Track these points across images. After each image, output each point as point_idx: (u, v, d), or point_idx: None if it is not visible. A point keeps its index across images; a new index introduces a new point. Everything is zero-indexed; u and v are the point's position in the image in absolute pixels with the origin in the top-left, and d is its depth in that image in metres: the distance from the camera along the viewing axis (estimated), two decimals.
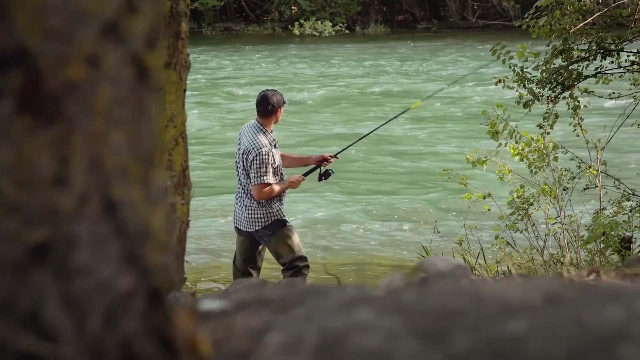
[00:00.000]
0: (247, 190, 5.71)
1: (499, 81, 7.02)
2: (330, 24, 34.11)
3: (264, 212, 5.69)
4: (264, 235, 5.75)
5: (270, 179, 5.58)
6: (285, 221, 5.79)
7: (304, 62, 25.49)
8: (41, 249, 0.61)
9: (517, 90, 6.91)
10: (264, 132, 5.65)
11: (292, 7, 36.01)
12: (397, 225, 9.04)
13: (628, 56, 6.89)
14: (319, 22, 34.12)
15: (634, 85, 7.10)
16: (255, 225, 5.70)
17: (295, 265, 5.76)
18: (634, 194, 6.76)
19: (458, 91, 19.23)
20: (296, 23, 34.71)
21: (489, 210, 6.94)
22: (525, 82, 6.83)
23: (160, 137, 2.83)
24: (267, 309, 0.90)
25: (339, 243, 8.56)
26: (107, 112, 0.64)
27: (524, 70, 6.77)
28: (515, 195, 6.82)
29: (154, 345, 0.65)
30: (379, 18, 36.49)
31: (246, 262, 5.91)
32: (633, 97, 7.06)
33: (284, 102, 5.75)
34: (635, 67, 6.90)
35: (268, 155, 5.56)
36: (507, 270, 6.66)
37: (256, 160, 5.52)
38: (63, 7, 0.61)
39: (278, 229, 5.73)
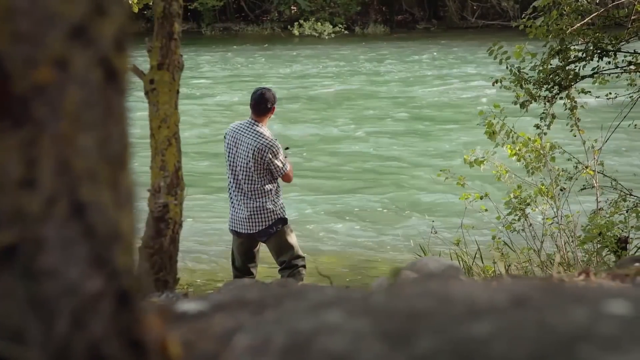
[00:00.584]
0: (252, 191, 5.66)
1: (496, 81, 7.02)
2: (330, 24, 34.13)
3: (269, 210, 5.67)
4: (265, 234, 5.73)
5: (288, 164, 5.81)
6: (286, 219, 5.79)
7: (303, 62, 25.49)
8: (9, 251, 0.61)
9: (513, 91, 6.91)
10: (264, 128, 5.68)
11: (292, 8, 36.02)
12: (395, 226, 9.04)
13: (625, 56, 6.89)
14: (319, 22, 34.15)
15: (630, 85, 7.09)
16: (259, 226, 5.68)
17: (293, 265, 5.76)
18: (630, 194, 6.76)
19: (457, 91, 19.24)
20: (295, 23, 34.74)
21: (486, 210, 6.94)
22: (523, 83, 6.83)
23: (155, 137, 2.81)
24: (244, 311, 0.90)
25: (337, 243, 8.56)
26: (75, 114, 0.64)
27: (521, 70, 6.77)
28: (512, 196, 6.82)
29: (122, 347, 0.65)
30: (379, 18, 36.51)
31: (246, 262, 5.90)
32: (630, 97, 7.06)
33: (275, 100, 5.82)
34: (632, 67, 6.90)
35: (279, 145, 5.72)
36: (505, 270, 6.67)
37: (277, 153, 5.65)
38: (31, 10, 0.61)
39: (279, 227, 5.73)
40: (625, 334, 0.58)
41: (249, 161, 5.60)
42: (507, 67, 6.81)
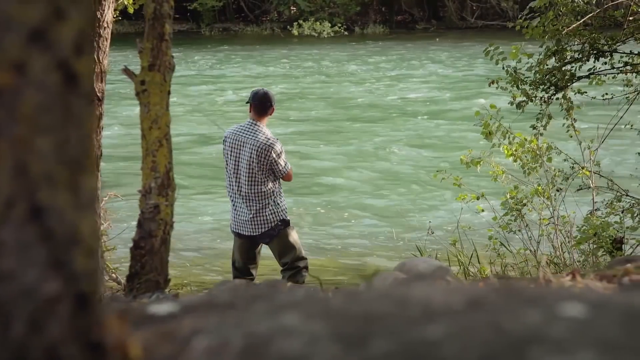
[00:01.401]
0: (256, 193, 5.65)
1: (492, 82, 7.02)
2: (329, 24, 34.14)
3: (271, 212, 5.66)
4: (268, 236, 5.72)
5: (289, 164, 5.85)
6: (288, 220, 5.79)
7: (302, 62, 25.49)
8: None
9: (510, 91, 6.91)
10: (265, 128, 5.70)
11: (291, 8, 36.03)
12: (391, 226, 9.04)
13: (621, 57, 6.89)
14: (318, 22, 34.16)
15: (626, 86, 7.09)
16: (261, 228, 5.67)
17: (296, 266, 5.76)
18: (627, 195, 6.76)
19: (454, 91, 19.24)
20: (295, 24, 34.74)
21: (483, 211, 6.94)
22: (519, 83, 6.83)
23: (146, 138, 2.80)
24: (213, 313, 0.91)
25: (333, 244, 8.56)
26: (33, 118, 0.64)
27: (517, 71, 6.77)
28: (508, 196, 6.82)
29: (80, 349, 0.65)
30: (378, 18, 36.53)
31: (247, 263, 5.88)
32: (626, 98, 7.06)
33: None
34: (628, 68, 6.90)
35: (281, 145, 5.76)
36: (501, 269, 6.67)
37: (280, 152, 5.66)
38: None
39: (281, 229, 5.73)
40: (575, 336, 0.59)
41: (253, 161, 5.58)
42: (503, 68, 6.81)
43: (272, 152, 5.58)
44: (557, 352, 0.56)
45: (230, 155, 5.71)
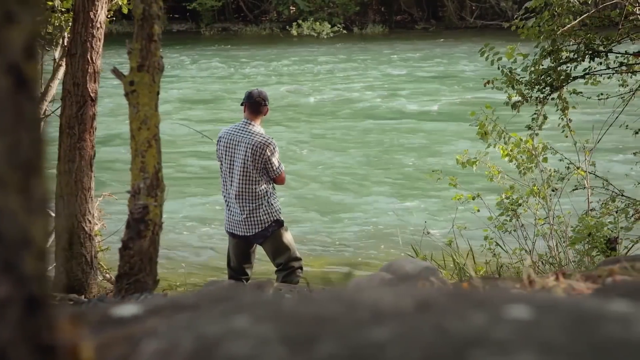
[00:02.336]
0: (250, 192, 5.64)
1: (488, 82, 7.02)
2: (329, 24, 34.13)
3: (265, 213, 5.66)
4: (262, 236, 5.72)
5: (282, 166, 5.85)
6: (282, 221, 5.79)
7: (301, 63, 25.49)
8: None
9: (505, 92, 6.92)
10: (259, 127, 5.70)
11: (291, 8, 36.03)
12: (387, 226, 9.04)
13: (616, 57, 6.89)
14: (317, 22, 34.16)
15: (622, 86, 7.10)
16: (256, 228, 5.67)
17: (290, 267, 5.76)
18: (622, 195, 6.76)
19: (451, 91, 19.25)
20: (294, 24, 34.75)
21: (478, 211, 6.94)
22: (514, 84, 6.83)
23: (136, 138, 2.81)
24: (178, 315, 0.91)
25: (328, 244, 8.56)
26: None
27: (512, 71, 6.77)
28: (504, 196, 6.82)
29: (30, 352, 0.65)
30: (377, 18, 36.52)
31: (241, 262, 5.89)
32: (621, 98, 7.06)
33: None
34: (624, 68, 6.90)
35: (276, 144, 5.76)
36: (497, 269, 6.68)
37: (275, 151, 5.66)
38: None
39: (276, 229, 5.73)
40: (517, 339, 0.59)
41: (247, 160, 5.58)
42: (498, 68, 6.82)
43: (267, 151, 5.58)
44: (498, 353, 0.57)
45: (225, 155, 5.71)
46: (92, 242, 5.17)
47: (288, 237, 5.82)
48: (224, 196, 5.81)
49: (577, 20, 6.52)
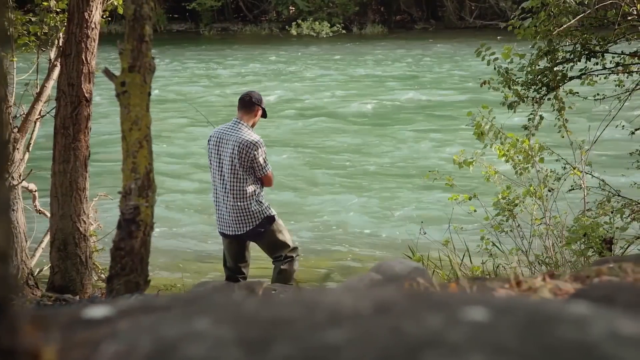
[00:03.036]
0: (238, 191, 5.64)
1: (484, 82, 7.02)
2: (328, 24, 34.14)
3: (255, 210, 5.66)
4: (254, 234, 5.72)
5: (270, 167, 5.82)
6: (274, 216, 5.78)
7: (300, 63, 25.49)
8: None
9: (502, 92, 6.92)
10: (248, 127, 5.68)
11: (290, 8, 36.04)
12: (383, 226, 9.04)
13: (613, 57, 6.89)
14: (317, 22, 34.17)
15: (618, 86, 7.09)
16: (246, 227, 5.66)
17: (289, 256, 5.78)
18: (618, 195, 6.76)
19: (453, 91, 19.25)
20: (294, 23, 34.75)
21: (475, 211, 6.94)
22: (510, 84, 6.83)
23: (127, 139, 2.82)
24: (148, 316, 0.91)
25: (325, 243, 8.56)
26: None
27: (509, 71, 6.77)
28: (500, 197, 6.82)
29: None
30: (377, 18, 36.53)
31: (237, 262, 5.88)
32: (618, 98, 7.06)
33: None
34: (620, 68, 6.90)
35: (263, 143, 5.74)
36: (493, 270, 6.68)
37: (261, 151, 5.64)
38: None
39: (269, 225, 5.73)
40: (471, 341, 0.59)
41: (234, 158, 5.59)
42: (494, 68, 6.82)
43: (253, 149, 5.58)
44: (450, 355, 0.57)
45: (214, 154, 5.72)
46: (87, 242, 5.17)
47: (283, 231, 5.82)
48: (214, 196, 5.80)
49: (574, 20, 6.52)
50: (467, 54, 25.48)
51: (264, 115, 5.88)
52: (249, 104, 5.74)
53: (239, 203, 5.64)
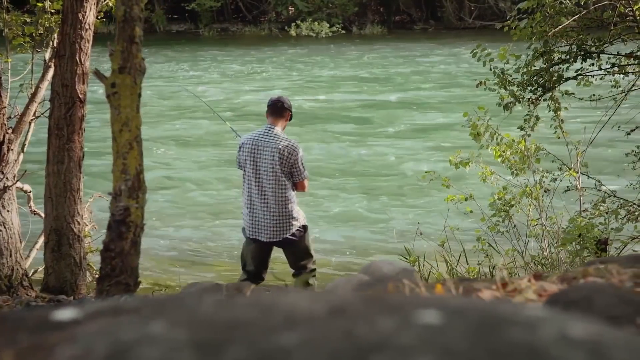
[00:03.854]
0: (280, 197, 5.60)
1: (480, 83, 7.03)
2: (327, 24, 34.16)
3: (294, 218, 5.65)
4: (287, 242, 5.69)
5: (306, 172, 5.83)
6: (307, 226, 5.80)
7: (299, 63, 25.50)
8: None
9: (498, 93, 6.92)
10: (282, 132, 5.73)
11: (289, 8, 36.05)
12: (380, 227, 9.05)
13: (608, 58, 6.89)
14: (316, 23, 34.18)
15: (614, 87, 7.10)
16: (284, 233, 5.63)
17: (313, 269, 5.80)
18: (614, 196, 6.76)
19: (451, 91, 19.25)
20: (293, 24, 34.77)
21: (471, 212, 6.94)
22: (506, 84, 6.84)
23: (117, 140, 2.83)
24: (117, 319, 0.91)
25: (321, 244, 8.57)
26: None
27: (505, 72, 6.78)
28: (496, 197, 6.83)
29: None
30: (376, 19, 36.55)
31: (260, 266, 5.80)
32: (614, 99, 7.06)
33: None
34: (616, 69, 6.91)
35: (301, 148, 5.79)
36: (489, 270, 6.68)
37: (300, 155, 5.66)
38: None
39: (303, 234, 5.73)
40: (421, 344, 0.59)
41: (275, 164, 5.55)
42: (490, 69, 6.83)
43: (293, 154, 5.58)
44: (398, 358, 0.57)
45: (250, 161, 5.63)
46: (81, 243, 5.17)
47: (311, 242, 5.83)
48: (248, 201, 5.69)
49: (570, 21, 6.52)
50: (466, 54, 25.49)
51: (290, 118, 5.87)
52: (282, 110, 5.72)
53: (280, 209, 5.59)
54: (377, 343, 0.60)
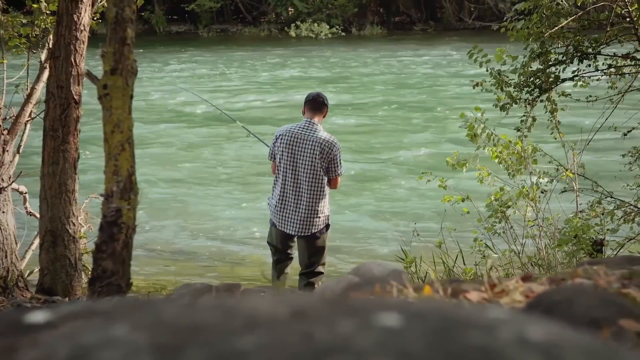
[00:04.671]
0: (316, 190, 5.62)
1: (477, 84, 7.04)
2: (327, 25, 34.17)
3: (324, 215, 5.69)
4: (312, 237, 5.72)
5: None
6: (329, 224, 5.82)
7: (299, 64, 25.52)
8: None
9: (495, 94, 6.93)
10: (322, 127, 5.74)
11: (289, 9, 36.07)
12: (376, 228, 9.05)
13: (605, 59, 6.90)
14: (316, 23, 34.20)
15: (611, 88, 7.11)
16: (313, 228, 5.67)
17: (317, 272, 5.82)
18: (611, 197, 6.77)
19: (450, 91, 19.26)
20: (293, 25, 34.78)
21: (468, 212, 6.95)
22: (503, 85, 6.85)
23: (109, 142, 2.83)
24: (90, 321, 0.91)
25: None
26: None
27: (501, 73, 6.79)
28: (493, 198, 6.83)
29: None
30: (376, 20, 36.57)
31: (286, 249, 5.86)
32: (610, 100, 7.07)
33: None
34: (612, 70, 6.91)
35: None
36: (486, 271, 6.68)
37: (339, 152, 5.69)
38: None
39: (325, 231, 5.78)
40: (378, 347, 0.60)
41: (315, 158, 5.57)
42: (487, 70, 6.84)
43: (334, 150, 5.62)
44: None
45: (287, 153, 5.63)
46: (76, 244, 5.17)
47: (327, 242, 5.85)
48: (280, 193, 5.71)
49: (566, 22, 6.53)
50: (466, 55, 25.50)
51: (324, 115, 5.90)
52: (321, 105, 5.76)
53: (312, 204, 5.63)
54: (334, 346, 0.60)
